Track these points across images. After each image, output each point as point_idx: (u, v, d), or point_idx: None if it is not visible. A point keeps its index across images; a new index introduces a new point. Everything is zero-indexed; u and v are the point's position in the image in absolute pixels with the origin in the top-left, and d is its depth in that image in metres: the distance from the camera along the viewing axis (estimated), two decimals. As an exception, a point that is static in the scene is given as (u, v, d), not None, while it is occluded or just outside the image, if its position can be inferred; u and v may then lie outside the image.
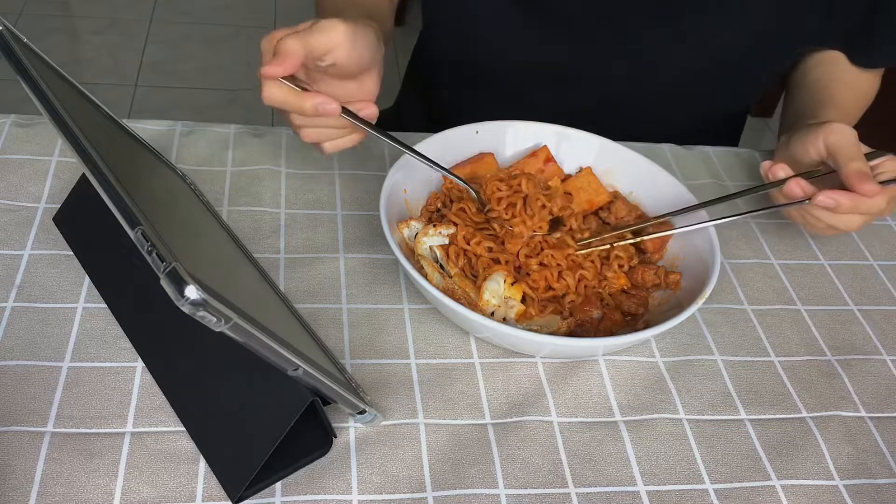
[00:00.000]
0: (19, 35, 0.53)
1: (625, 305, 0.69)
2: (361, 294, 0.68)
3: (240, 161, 0.80)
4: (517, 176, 0.71)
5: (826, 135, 0.72)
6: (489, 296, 0.65)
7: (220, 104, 2.31)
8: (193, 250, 0.50)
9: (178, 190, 0.67)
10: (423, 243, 0.68)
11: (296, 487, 0.54)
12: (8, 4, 2.55)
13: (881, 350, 0.72)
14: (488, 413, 0.61)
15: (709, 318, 0.72)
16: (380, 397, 0.60)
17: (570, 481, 0.57)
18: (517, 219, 0.68)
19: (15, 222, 0.69)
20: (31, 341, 0.60)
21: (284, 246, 0.71)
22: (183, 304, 0.39)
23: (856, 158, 0.70)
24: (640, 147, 0.85)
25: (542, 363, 0.65)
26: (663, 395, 0.64)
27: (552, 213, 0.70)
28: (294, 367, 0.47)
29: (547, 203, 0.69)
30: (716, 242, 0.68)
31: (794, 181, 0.70)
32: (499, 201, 0.69)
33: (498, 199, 0.69)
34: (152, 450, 0.55)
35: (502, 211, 0.69)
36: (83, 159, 0.46)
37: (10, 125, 0.78)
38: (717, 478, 0.59)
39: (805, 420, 0.64)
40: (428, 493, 0.55)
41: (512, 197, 0.69)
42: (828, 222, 0.72)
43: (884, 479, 0.61)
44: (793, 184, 0.70)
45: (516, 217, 0.68)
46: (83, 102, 0.59)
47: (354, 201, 0.77)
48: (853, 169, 0.69)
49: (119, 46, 2.46)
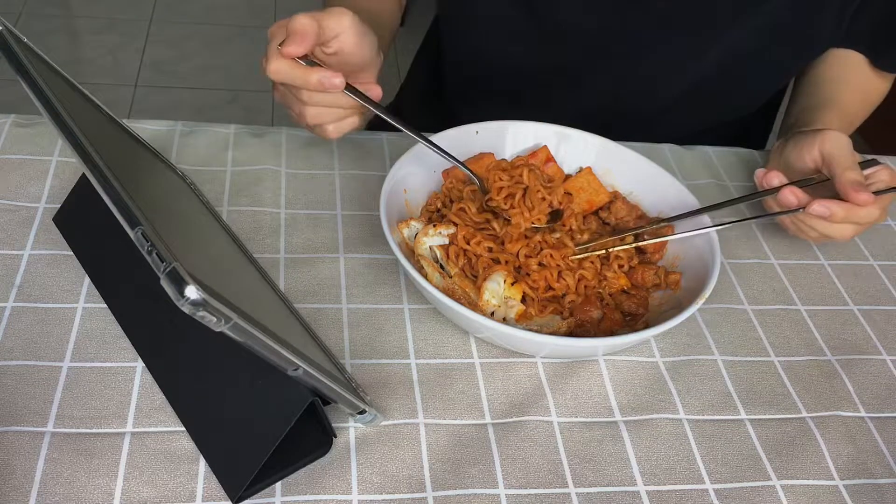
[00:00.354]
0: (19, 35, 0.53)
1: (625, 305, 0.69)
2: (361, 294, 0.68)
3: (240, 161, 0.80)
4: (519, 166, 0.70)
5: (821, 143, 0.72)
6: (489, 296, 0.65)
7: (220, 104, 2.31)
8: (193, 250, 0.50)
9: (178, 190, 0.67)
10: (423, 243, 0.68)
11: (296, 487, 0.54)
12: (8, 4, 2.55)
13: (881, 350, 0.72)
14: (488, 413, 0.61)
15: (709, 318, 0.72)
16: (380, 397, 0.60)
17: (570, 481, 0.57)
18: (516, 210, 0.68)
19: (15, 222, 0.69)
20: (31, 341, 0.60)
21: (284, 246, 0.71)
22: (183, 304, 0.39)
23: (850, 167, 0.70)
24: (640, 147, 0.85)
25: (542, 363, 0.65)
26: (663, 395, 0.64)
27: (552, 205, 0.69)
28: (294, 367, 0.47)
29: (547, 196, 0.69)
30: (716, 243, 0.68)
31: (789, 189, 0.70)
32: (499, 191, 0.69)
33: (498, 188, 0.69)
34: (152, 450, 0.54)
35: (501, 201, 0.68)
36: (83, 159, 0.46)
37: (10, 125, 0.78)
38: (717, 478, 0.59)
39: (805, 420, 0.64)
40: (428, 493, 0.55)
41: (512, 188, 0.68)
42: (821, 231, 0.72)
43: (884, 479, 0.61)
44: (787, 192, 0.70)
45: (515, 208, 0.68)
46: (83, 102, 0.59)
47: (354, 201, 0.77)
48: (848, 178, 0.69)
49: (119, 46, 2.46)
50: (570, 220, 0.70)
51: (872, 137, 2.14)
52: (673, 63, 0.88)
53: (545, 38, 0.89)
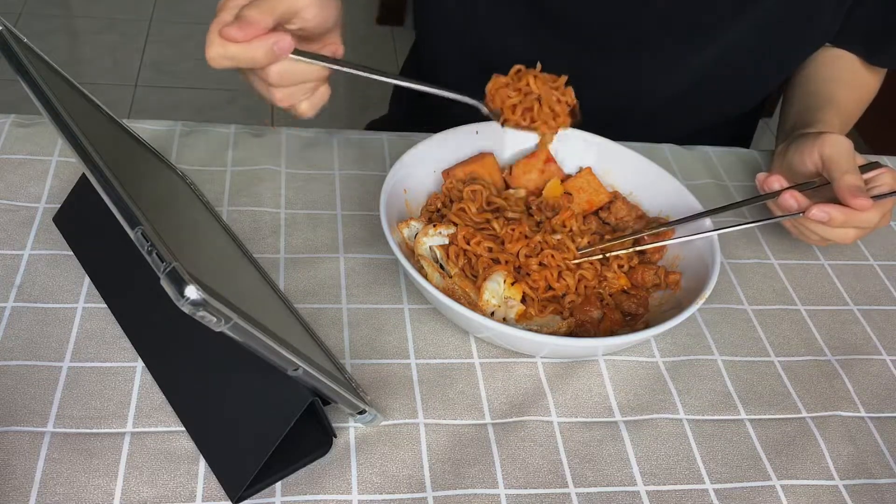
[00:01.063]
0: (19, 35, 0.53)
1: (625, 305, 0.69)
2: (361, 294, 0.68)
3: (240, 161, 0.80)
4: (523, 76, 0.66)
5: (821, 146, 0.72)
6: (489, 296, 0.65)
7: (220, 104, 2.31)
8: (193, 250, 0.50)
9: (178, 190, 0.67)
10: (423, 243, 0.68)
11: (296, 487, 0.54)
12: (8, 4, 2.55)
13: (881, 350, 0.72)
14: (488, 413, 0.61)
15: (709, 318, 0.72)
16: (380, 397, 0.60)
17: (570, 481, 0.57)
18: (537, 122, 0.63)
19: (15, 222, 0.69)
20: (31, 341, 0.60)
21: (284, 246, 0.71)
22: (183, 304, 0.39)
23: (849, 171, 0.70)
24: (640, 147, 0.85)
25: (542, 363, 0.65)
26: (663, 395, 0.64)
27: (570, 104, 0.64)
28: (294, 367, 0.47)
29: (562, 97, 0.64)
30: (716, 243, 0.68)
31: (789, 193, 0.70)
32: (513, 109, 0.64)
33: (511, 106, 0.64)
34: (152, 450, 0.55)
35: (519, 118, 0.64)
36: (83, 159, 0.46)
37: (10, 125, 0.78)
38: (717, 478, 0.59)
39: (805, 420, 0.64)
40: (428, 493, 0.55)
41: (525, 101, 0.64)
42: (822, 235, 0.72)
43: (884, 479, 0.61)
44: (787, 195, 0.70)
45: (536, 121, 0.64)
46: (83, 102, 0.59)
47: (354, 201, 0.77)
48: (846, 183, 0.69)
49: (119, 46, 2.46)
50: (570, 220, 0.70)
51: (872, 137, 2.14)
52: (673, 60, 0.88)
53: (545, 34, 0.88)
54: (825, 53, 0.90)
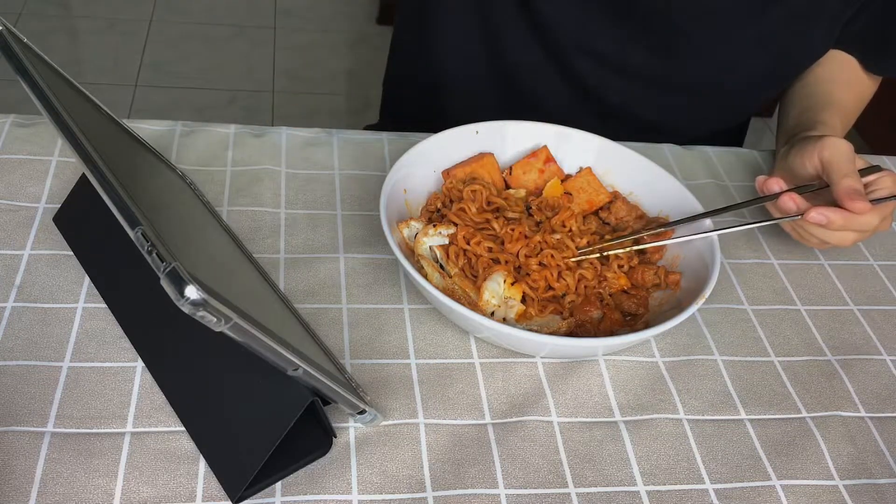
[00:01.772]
0: (19, 35, 0.53)
1: (625, 305, 0.69)
2: (361, 294, 0.68)
3: (240, 161, 0.80)
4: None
5: (821, 149, 0.72)
6: (489, 296, 0.65)
7: (220, 104, 2.31)
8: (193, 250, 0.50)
9: (178, 190, 0.67)
10: (423, 243, 0.68)
11: (296, 487, 0.54)
12: (8, 4, 2.55)
13: (881, 350, 0.72)
14: (488, 413, 0.61)
15: (709, 318, 0.72)
16: (380, 397, 0.60)
17: (570, 481, 0.57)
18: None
19: (15, 222, 0.69)
20: (31, 341, 0.60)
21: (284, 246, 0.71)
22: (183, 304, 0.39)
23: (848, 175, 0.70)
24: (640, 147, 0.85)
25: (542, 363, 0.65)
26: (663, 395, 0.64)
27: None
28: (294, 367, 0.47)
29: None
30: (716, 243, 0.68)
31: (788, 195, 0.70)
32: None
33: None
34: (152, 450, 0.55)
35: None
36: (83, 159, 0.46)
37: (10, 125, 0.78)
38: (717, 478, 0.59)
39: (805, 420, 0.64)
40: (428, 493, 0.55)
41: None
42: (821, 238, 0.72)
43: (884, 479, 0.61)
44: (786, 198, 0.70)
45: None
46: (83, 102, 0.59)
47: (354, 201, 0.77)
48: (844, 186, 0.69)
49: (119, 46, 2.46)
50: (570, 220, 0.70)
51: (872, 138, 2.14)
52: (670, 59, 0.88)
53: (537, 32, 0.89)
54: (825, 54, 0.90)
